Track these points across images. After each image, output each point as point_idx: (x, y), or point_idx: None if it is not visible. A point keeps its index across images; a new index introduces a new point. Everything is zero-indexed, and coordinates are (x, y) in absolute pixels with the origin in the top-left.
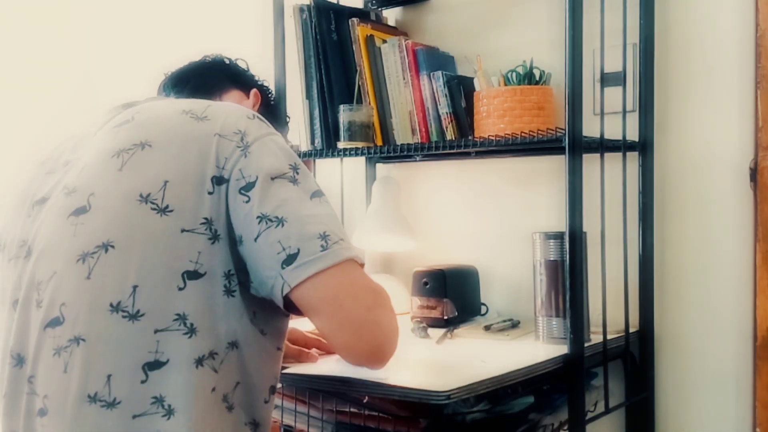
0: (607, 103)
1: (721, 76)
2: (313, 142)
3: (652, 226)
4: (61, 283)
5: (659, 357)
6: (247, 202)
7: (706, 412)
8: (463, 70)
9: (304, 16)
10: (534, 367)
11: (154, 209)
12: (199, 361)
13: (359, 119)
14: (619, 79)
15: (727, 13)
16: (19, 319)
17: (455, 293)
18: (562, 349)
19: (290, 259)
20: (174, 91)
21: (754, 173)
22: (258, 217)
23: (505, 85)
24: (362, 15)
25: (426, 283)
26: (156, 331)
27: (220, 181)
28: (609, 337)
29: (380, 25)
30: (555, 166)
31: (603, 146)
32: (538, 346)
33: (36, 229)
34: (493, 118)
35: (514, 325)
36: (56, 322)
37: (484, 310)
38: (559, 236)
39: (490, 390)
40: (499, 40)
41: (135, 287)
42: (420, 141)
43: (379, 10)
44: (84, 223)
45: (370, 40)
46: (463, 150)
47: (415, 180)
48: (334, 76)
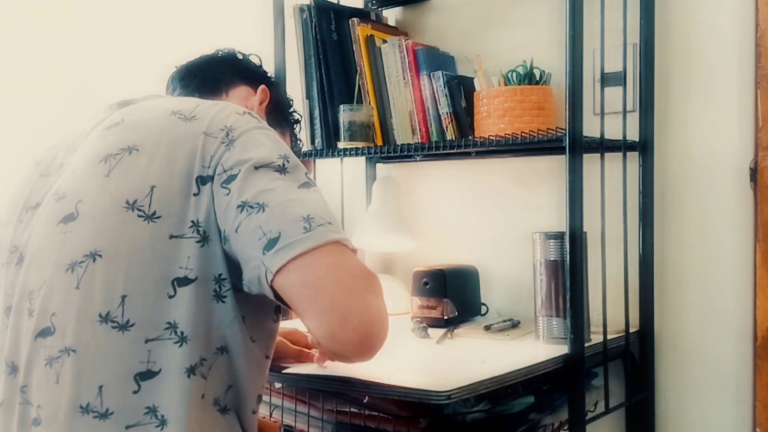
0: (608, 103)
1: (721, 76)
2: (313, 142)
3: (652, 226)
4: (51, 293)
5: (659, 357)
6: (227, 194)
7: (706, 412)
8: (463, 70)
9: (304, 16)
10: (534, 367)
11: (141, 216)
12: (191, 370)
13: (359, 119)
14: (620, 79)
15: (727, 13)
16: (12, 327)
17: (455, 293)
18: (562, 349)
19: (271, 244)
20: (181, 85)
21: (754, 173)
22: (239, 206)
23: (505, 85)
24: (362, 15)
25: (426, 283)
26: (147, 341)
27: (204, 180)
28: (609, 337)
29: (380, 25)
30: (555, 166)
31: (603, 146)
32: (538, 346)
33: (27, 236)
34: (493, 118)
35: (514, 325)
36: (47, 332)
37: (484, 310)
38: (559, 236)
39: (491, 390)
40: (499, 40)
41: (124, 297)
42: (420, 141)
43: (379, 10)
44: (72, 231)
45: (370, 40)
46: (463, 150)
47: (415, 180)
48: (334, 76)
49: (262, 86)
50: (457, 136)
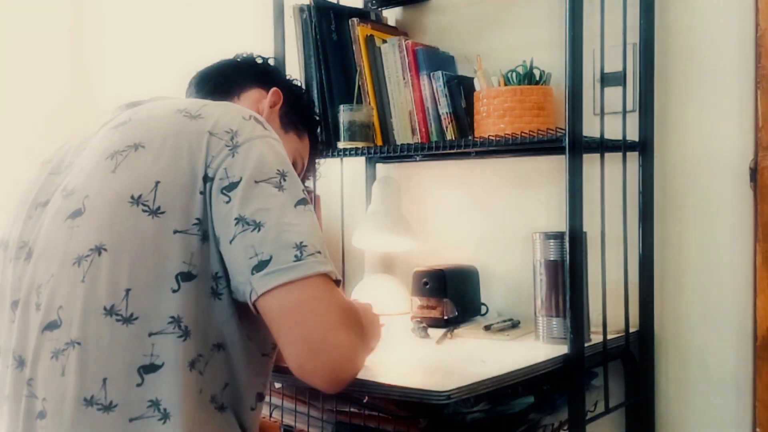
0: (607, 103)
1: (721, 76)
2: None
3: (652, 226)
4: (58, 286)
5: (659, 357)
6: (227, 202)
7: (707, 412)
8: (463, 70)
9: (304, 16)
10: (534, 367)
11: (145, 211)
12: (192, 364)
13: (359, 119)
14: (619, 79)
15: (727, 13)
16: (19, 321)
17: (455, 293)
18: (562, 349)
19: (261, 266)
20: (196, 89)
21: (754, 173)
22: (236, 219)
23: (505, 85)
24: (362, 15)
25: (426, 283)
26: (151, 334)
27: (206, 180)
28: (609, 337)
29: (380, 25)
30: (555, 166)
31: (603, 146)
32: (538, 346)
33: (37, 231)
34: (493, 118)
35: (514, 325)
36: (54, 325)
37: (484, 310)
38: (559, 236)
39: (490, 390)
40: (499, 40)
41: (128, 290)
42: (420, 141)
43: (379, 10)
44: (79, 226)
45: (370, 40)
46: (463, 150)
47: (415, 180)
48: (334, 76)
49: (274, 88)
50: (457, 136)
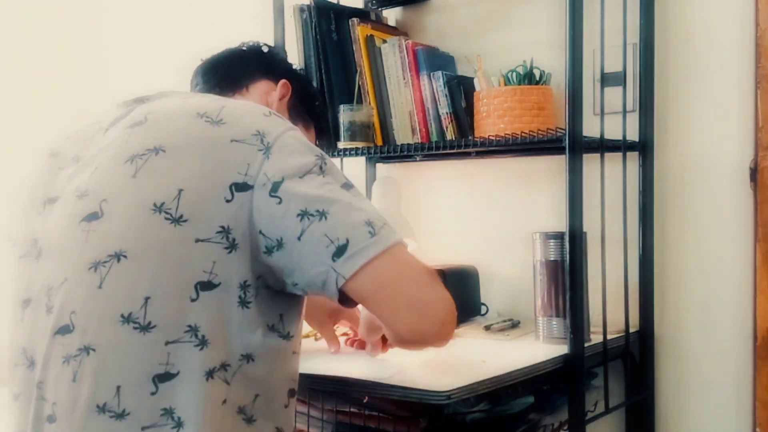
0: (607, 103)
1: (721, 76)
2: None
3: (652, 226)
4: (72, 291)
5: (659, 357)
6: (279, 203)
7: (706, 412)
8: (463, 70)
9: (304, 16)
10: (534, 367)
11: (167, 219)
12: (209, 374)
13: (359, 119)
14: (619, 79)
15: (727, 12)
16: (29, 321)
17: (455, 293)
18: (562, 349)
19: (340, 251)
20: (203, 80)
21: (754, 173)
22: (299, 215)
23: (505, 85)
24: (362, 15)
25: None
26: (167, 343)
27: (241, 187)
28: (609, 337)
29: (380, 25)
30: (555, 166)
31: (603, 146)
32: (538, 346)
33: (47, 230)
34: (493, 118)
35: (514, 325)
36: (66, 330)
37: (484, 310)
38: (559, 236)
39: (490, 390)
40: (499, 40)
41: (147, 299)
42: (420, 141)
43: (379, 10)
44: (96, 230)
45: (370, 40)
46: (463, 150)
47: (415, 180)
48: (334, 76)
49: (283, 81)
50: (457, 136)
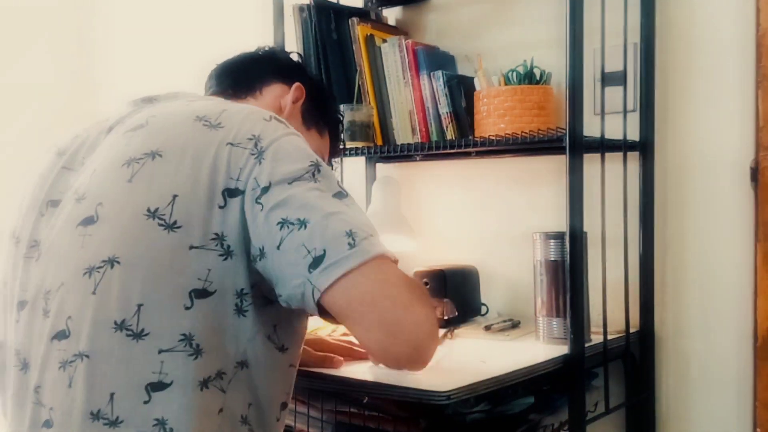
0: (608, 103)
1: (722, 75)
2: None
3: (653, 226)
4: (68, 296)
5: (659, 357)
6: (261, 210)
7: (707, 412)
8: (463, 70)
9: (304, 15)
10: (534, 368)
11: (161, 225)
12: (204, 383)
13: (359, 119)
14: (620, 79)
15: (728, 12)
16: (24, 323)
17: (455, 293)
18: (563, 350)
19: (317, 262)
20: (216, 83)
21: (755, 173)
22: (279, 223)
23: (506, 84)
24: (362, 14)
25: (426, 283)
26: (160, 351)
27: (233, 193)
28: (609, 337)
29: (380, 24)
30: (555, 166)
31: (603, 146)
32: (538, 346)
33: (47, 232)
34: (493, 118)
35: (514, 325)
36: (62, 335)
37: (484, 310)
38: (560, 236)
39: (491, 390)
40: (499, 40)
41: (140, 306)
42: (420, 141)
43: (379, 9)
44: (91, 235)
45: (370, 40)
46: (463, 150)
47: (415, 180)
48: (334, 76)
49: (297, 84)
50: (457, 136)
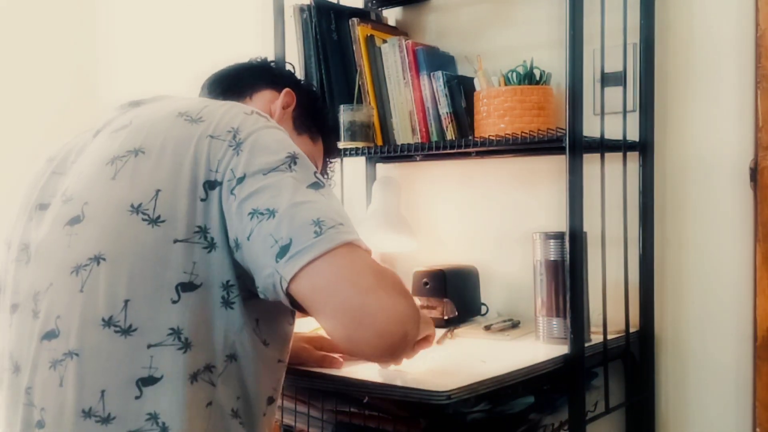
0: (608, 103)
1: (721, 76)
2: None
3: (652, 226)
4: (56, 295)
5: (659, 357)
6: (237, 201)
7: (707, 412)
8: (463, 70)
9: (304, 16)
10: (534, 367)
11: (145, 220)
12: (193, 377)
13: (359, 119)
14: (620, 79)
15: (727, 12)
16: (16, 326)
17: (455, 293)
18: (563, 349)
19: (283, 251)
20: (208, 91)
21: (755, 173)
22: (249, 214)
23: (506, 84)
24: (362, 15)
25: (426, 283)
26: (149, 346)
27: (212, 185)
28: (609, 337)
29: (380, 25)
30: (555, 166)
31: (603, 146)
32: (538, 346)
33: (36, 236)
34: (493, 118)
35: (514, 325)
36: (52, 335)
37: (484, 310)
38: (560, 236)
39: (491, 390)
40: (499, 40)
41: (127, 301)
42: (420, 141)
43: (379, 10)
44: (78, 234)
45: (370, 40)
46: (463, 150)
47: (415, 180)
48: (334, 76)
49: (287, 89)
50: (457, 136)
